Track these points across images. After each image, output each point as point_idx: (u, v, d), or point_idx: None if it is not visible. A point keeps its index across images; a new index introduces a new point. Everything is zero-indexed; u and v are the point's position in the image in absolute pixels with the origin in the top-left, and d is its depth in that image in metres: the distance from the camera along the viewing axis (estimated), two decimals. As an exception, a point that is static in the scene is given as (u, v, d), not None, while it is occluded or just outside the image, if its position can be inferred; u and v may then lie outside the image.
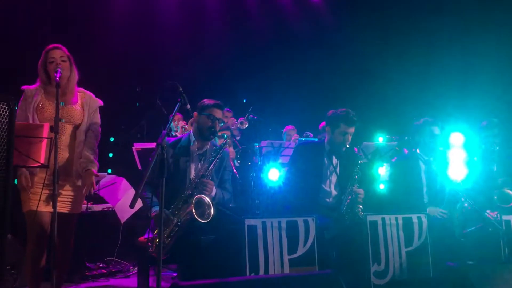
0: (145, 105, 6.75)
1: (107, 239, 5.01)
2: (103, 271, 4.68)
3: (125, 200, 4.58)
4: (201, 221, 3.04)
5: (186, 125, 5.64)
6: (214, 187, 3.30)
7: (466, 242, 3.77)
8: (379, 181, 5.16)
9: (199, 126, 3.44)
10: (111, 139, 6.94)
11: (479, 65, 6.98)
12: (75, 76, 3.27)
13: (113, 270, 4.76)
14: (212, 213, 3.08)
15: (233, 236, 3.09)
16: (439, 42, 7.64)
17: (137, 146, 4.96)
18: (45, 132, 2.78)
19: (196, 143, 3.45)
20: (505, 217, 3.66)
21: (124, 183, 4.68)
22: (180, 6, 7.81)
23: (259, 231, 3.05)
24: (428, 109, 6.25)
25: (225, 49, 7.88)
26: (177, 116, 5.88)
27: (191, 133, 3.51)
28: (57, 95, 2.94)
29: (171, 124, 5.52)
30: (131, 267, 4.87)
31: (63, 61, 3.18)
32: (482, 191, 4.18)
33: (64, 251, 3.18)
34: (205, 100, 3.48)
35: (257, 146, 5.62)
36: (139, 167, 4.89)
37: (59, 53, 3.19)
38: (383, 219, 3.38)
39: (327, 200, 3.83)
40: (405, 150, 5.03)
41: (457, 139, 4.28)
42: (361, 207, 3.64)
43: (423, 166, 4.09)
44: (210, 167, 3.28)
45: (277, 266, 3.05)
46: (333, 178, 3.84)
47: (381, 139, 5.87)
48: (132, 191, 4.59)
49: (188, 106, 3.02)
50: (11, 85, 3.72)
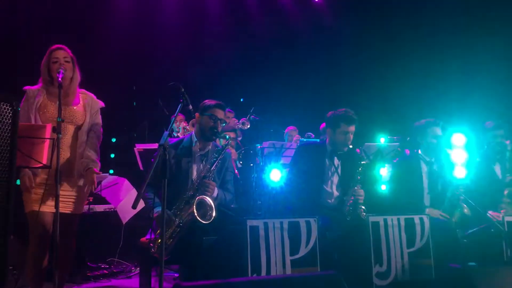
0: (144, 105, 6.76)
1: (109, 239, 5.01)
2: (105, 271, 4.68)
3: (127, 200, 4.58)
4: (203, 222, 3.04)
5: (187, 126, 5.64)
6: (216, 188, 3.29)
7: (468, 243, 3.76)
8: (381, 182, 5.16)
9: (201, 126, 3.43)
10: (113, 140, 6.94)
11: (480, 65, 6.97)
12: (78, 77, 3.27)
13: (115, 270, 4.76)
14: (214, 215, 3.07)
15: (235, 237, 3.08)
16: (440, 42, 7.64)
17: (139, 146, 4.96)
18: (48, 133, 2.78)
19: (198, 144, 3.44)
20: (507, 218, 3.64)
21: (126, 183, 4.68)
22: (181, 6, 7.82)
23: (261, 232, 3.05)
24: (429, 109, 6.24)
25: (227, 50, 7.88)
26: (179, 117, 5.89)
27: (193, 133, 3.49)
28: (59, 95, 2.94)
29: (173, 125, 5.54)
30: (133, 268, 4.88)
31: (66, 61, 3.18)
32: (485, 192, 4.16)
33: (66, 252, 3.17)
34: (206, 100, 3.47)
35: (258, 146, 5.63)
36: (141, 168, 4.89)
37: (63, 54, 3.19)
38: (385, 220, 3.38)
39: (329, 201, 3.83)
40: (407, 151, 5.02)
41: (458, 140, 4.27)
42: (364, 208, 3.64)
43: (424, 167, 4.09)
44: (212, 168, 3.27)
45: (279, 267, 3.05)
46: (335, 179, 3.84)
47: (383, 140, 5.88)
48: (134, 192, 4.59)
49: (190, 106, 3.02)
50: (11, 85, 3.73)
